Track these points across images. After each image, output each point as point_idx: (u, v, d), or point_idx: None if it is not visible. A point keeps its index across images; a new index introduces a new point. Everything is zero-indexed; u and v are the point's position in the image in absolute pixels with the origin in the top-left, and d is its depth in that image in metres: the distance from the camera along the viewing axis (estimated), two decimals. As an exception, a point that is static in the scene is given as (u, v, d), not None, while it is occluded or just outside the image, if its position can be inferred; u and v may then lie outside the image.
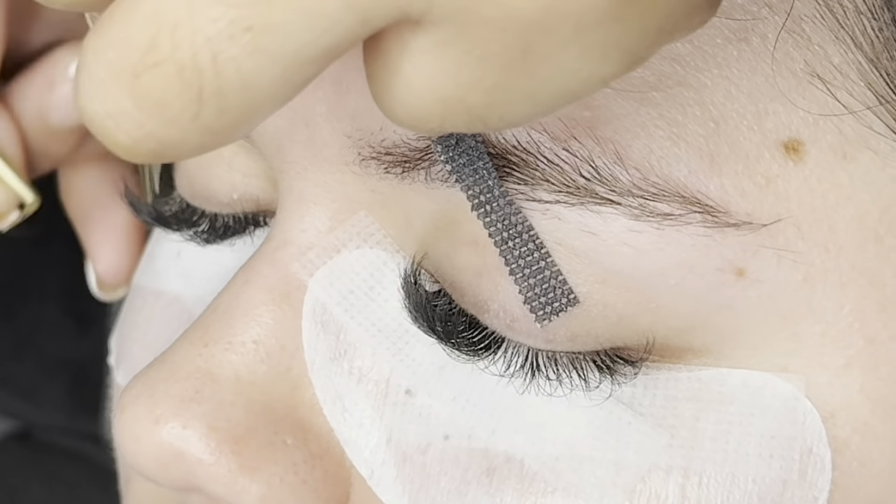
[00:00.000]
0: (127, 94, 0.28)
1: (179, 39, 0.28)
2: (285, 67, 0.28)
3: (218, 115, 0.29)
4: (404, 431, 0.41)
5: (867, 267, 0.38)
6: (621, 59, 0.29)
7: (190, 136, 0.29)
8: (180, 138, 0.29)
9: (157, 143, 0.29)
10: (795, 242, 0.38)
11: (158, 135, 0.29)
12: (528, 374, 0.40)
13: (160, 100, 0.28)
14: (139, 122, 0.29)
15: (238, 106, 0.28)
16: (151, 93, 0.28)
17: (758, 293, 0.38)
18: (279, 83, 0.28)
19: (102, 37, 0.29)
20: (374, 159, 0.39)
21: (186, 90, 0.28)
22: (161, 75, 0.28)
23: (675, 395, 0.39)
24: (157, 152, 0.29)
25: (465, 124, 0.30)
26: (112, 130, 0.29)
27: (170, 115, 0.28)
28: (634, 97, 0.36)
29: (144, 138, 0.29)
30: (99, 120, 0.29)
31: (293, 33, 0.28)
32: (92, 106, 0.29)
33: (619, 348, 0.39)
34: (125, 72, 0.28)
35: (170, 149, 0.29)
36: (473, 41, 0.28)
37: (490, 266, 0.39)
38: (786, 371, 0.39)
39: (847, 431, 0.39)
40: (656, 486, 0.39)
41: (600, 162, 0.37)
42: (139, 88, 0.28)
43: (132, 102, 0.28)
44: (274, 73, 0.28)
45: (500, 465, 0.40)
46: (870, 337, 0.38)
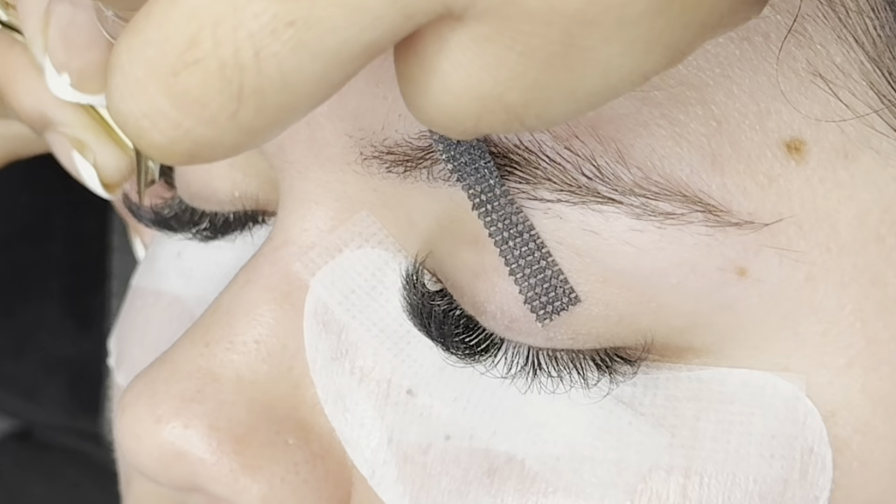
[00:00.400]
0: (164, 92, 0.28)
1: (221, 35, 0.27)
2: (326, 64, 0.28)
3: (256, 114, 0.28)
4: (405, 431, 0.41)
5: (869, 266, 0.38)
6: (664, 53, 0.29)
7: (226, 136, 0.28)
8: (217, 138, 0.28)
9: (193, 143, 0.29)
10: (797, 242, 0.38)
11: (194, 134, 0.28)
12: (530, 373, 0.40)
13: (199, 97, 0.28)
14: (176, 121, 0.28)
15: (277, 104, 0.28)
16: (190, 91, 0.28)
17: (759, 292, 0.38)
18: (319, 81, 0.28)
19: (139, 35, 0.28)
20: (375, 158, 0.39)
21: (226, 88, 0.28)
22: (201, 72, 0.28)
23: (675, 394, 0.39)
24: (192, 153, 0.29)
25: (502, 123, 0.30)
26: (147, 130, 0.29)
27: (208, 113, 0.28)
28: (636, 96, 0.36)
29: (181, 138, 0.28)
30: (134, 120, 0.29)
31: (336, 28, 0.27)
32: (127, 106, 0.29)
33: (619, 347, 0.39)
34: (163, 70, 0.28)
35: (205, 149, 0.29)
36: (516, 35, 0.28)
37: (488, 267, 0.39)
38: (787, 370, 0.39)
39: (848, 431, 0.39)
40: (657, 486, 0.39)
41: (602, 161, 0.37)
42: (177, 87, 0.28)
43: (169, 101, 0.28)
44: (315, 71, 0.28)
45: (502, 465, 0.40)
46: (871, 336, 0.38)
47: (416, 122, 0.38)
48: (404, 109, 0.38)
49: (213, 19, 0.27)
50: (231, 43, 0.27)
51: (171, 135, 0.28)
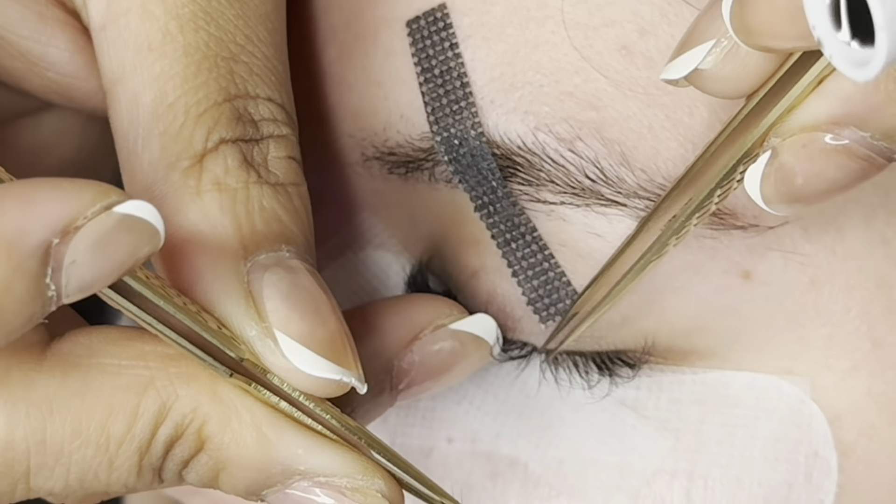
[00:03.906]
0: None
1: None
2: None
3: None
4: (408, 434, 0.41)
5: (875, 269, 0.38)
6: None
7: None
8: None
9: None
10: (802, 245, 0.38)
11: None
12: (531, 373, 0.40)
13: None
14: None
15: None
16: None
17: (764, 295, 0.38)
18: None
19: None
20: (377, 160, 0.39)
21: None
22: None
23: (679, 397, 0.39)
24: None
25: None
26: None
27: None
28: (641, 99, 0.36)
29: None
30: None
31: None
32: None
33: (620, 350, 0.39)
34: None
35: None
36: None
37: (489, 267, 0.39)
38: (791, 374, 0.39)
39: (853, 434, 0.39)
40: (661, 490, 0.39)
41: (606, 163, 0.36)
42: None
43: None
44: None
45: (505, 468, 0.40)
46: (877, 340, 0.38)
47: (417, 124, 0.38)
48: (405, 110, 0.38)
49: None
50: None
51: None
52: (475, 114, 0.37)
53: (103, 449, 0.33)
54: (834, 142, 0.31)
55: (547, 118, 0.37)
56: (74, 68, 0.38)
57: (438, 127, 0.38)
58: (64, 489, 0.33)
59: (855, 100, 0.31)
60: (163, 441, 0.33)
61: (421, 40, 0.38)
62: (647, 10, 0.36)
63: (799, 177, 0.32)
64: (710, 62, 0.32)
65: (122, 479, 0.34)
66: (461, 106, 0.37)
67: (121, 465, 0.33)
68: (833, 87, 0.31)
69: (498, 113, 0.37)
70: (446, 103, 0.37)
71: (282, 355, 0.33)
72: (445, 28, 0.37)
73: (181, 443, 0.33)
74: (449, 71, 0.37)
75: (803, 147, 0.32)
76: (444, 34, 0.37)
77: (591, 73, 0.36)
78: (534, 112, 0.37)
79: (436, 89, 0.38)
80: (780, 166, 0.32)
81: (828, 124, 0.31)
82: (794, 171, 0.32)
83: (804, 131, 0.32)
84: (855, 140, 0.31)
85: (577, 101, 0.36)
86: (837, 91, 0.31)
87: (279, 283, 0.33)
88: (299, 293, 0.34)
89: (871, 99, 0.31)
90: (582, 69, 0.36)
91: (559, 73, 0.37)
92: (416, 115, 0.38)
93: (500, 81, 0.37)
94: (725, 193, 0.34)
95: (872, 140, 0.31)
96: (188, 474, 0.34)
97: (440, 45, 0.37)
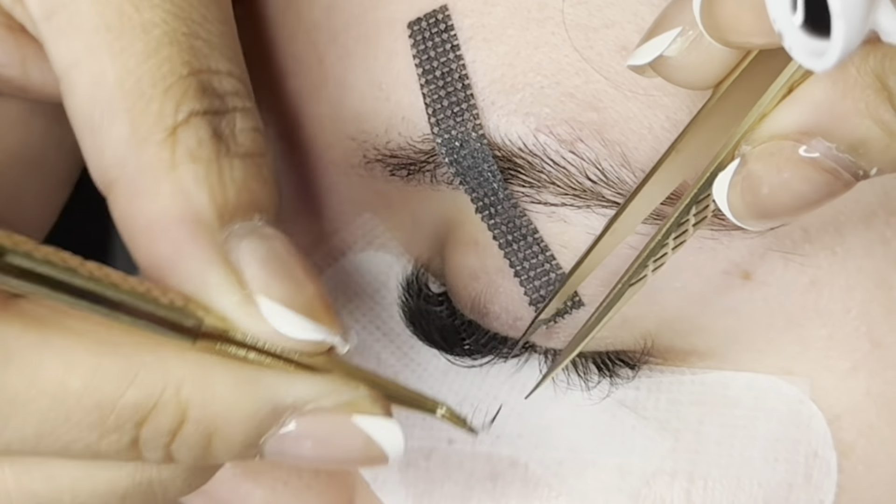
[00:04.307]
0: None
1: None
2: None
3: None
4: (408, 436, 0.40)
5: (874, 269, 0.38)
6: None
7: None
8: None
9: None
10: (802, 245, 0.38)
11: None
12: (531, 374, 0.40)
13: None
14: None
15: None
16: None
17: (764, 296, 0.38)
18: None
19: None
20: (378, 162, 0.39)
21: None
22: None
23: (678, 398, 0.39)
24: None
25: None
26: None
27: None
28: (642, 100, 0.36)
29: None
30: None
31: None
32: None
33: (620, 350, 0.39)
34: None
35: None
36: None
37: (489, 268, 0.39)
38: (791, 374, 0.39)
39: (853, 434, 0.39)
40: (661, 491, 0.39)
41: (607, 164, 0.36)
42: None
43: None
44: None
45: (505, 469, 0.40)
46: (876, 340, 0.38)
47: (418, 126, 0.38)
48: (407, 112, 0.38)
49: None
50: None
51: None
52: (476, 115, 0.37)
53: (59, 401, 0.33)
54: (805, 154, 0.31)
55: (548, 119, 0.37)
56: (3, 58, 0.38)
57: (440, 129, 0.38)
58: (21, 443, 0.33)
59: (822, 108, 0.31)
60: (131, 403, 0.33)
61: (422, 42, 0.38)
62: (647, 11, 0.36)
63: (765, 186, 0.32)
64: (674, 50, 0.33)
65: (84, 440, 0.33)
66: (462, 108, 0.37)
67: (80, 422, 0.33)
68: (802, 96, 0.31)
69: (499, 114, 0.37)
70: (447, 105, 0.37)
71: (264, 320, 0.34)
72: (447, 30, 0.37)
73: (158, 412, 0.33)
74: (450, 73, 0.37)
75: (771, 156, 0.32)
76: (445, 36, 0.37)
77: (591, 75, 0.36)
78: (535, 113, 0.37)
79: (437, 91, 0.38)
80: (748, 175, 0.32)
81: (796, 133, 0.31)
82: (760, 180, 0.32)
83: (773, 139, 0.32)
84: (821, 151, 0.31)
85: (578, 102, 0.37)
86: (806, 99, 0.31)
87: (256, 250, 0.34)
88: (277, 259, 0.34)
89: (838, 108, 0.31)
90: (583, 70, 0.37)
91: (560, 74, 0.37)
92: (418, 116, 0.38)
93: (501, 83, 0.37)
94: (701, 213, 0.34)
95: (838, 152, 0.31)
96: (178, 450, 0.34)
97: (441, 46, 0.38)
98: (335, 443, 0.35)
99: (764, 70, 0.32)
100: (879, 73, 0.30)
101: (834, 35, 0.27)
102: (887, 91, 0.30)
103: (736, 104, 0.33)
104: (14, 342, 0.32)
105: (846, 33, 0.27)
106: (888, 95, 0.30)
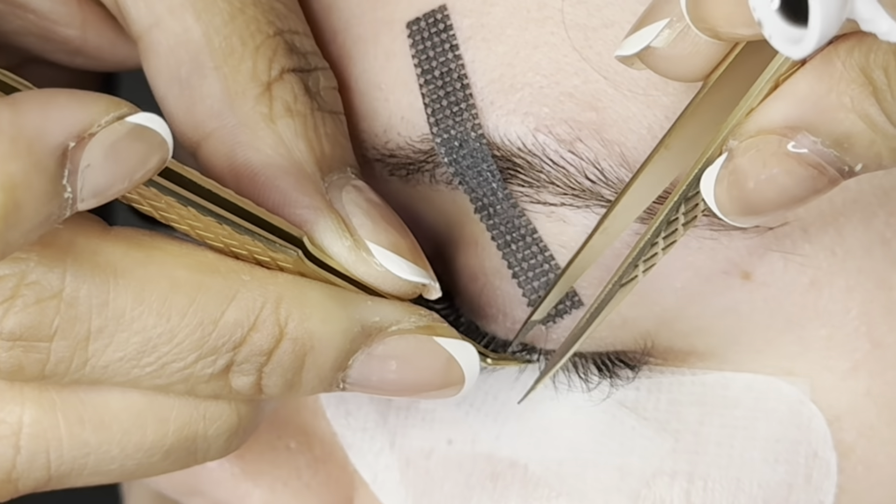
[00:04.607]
0: None
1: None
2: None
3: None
4: (408, 436, 0.41)
5: (874, 270, 0.38)
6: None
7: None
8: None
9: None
10: (802, 245, 0.38)
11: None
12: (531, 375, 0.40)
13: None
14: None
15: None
16: None
17: (764, 296, 0.38)
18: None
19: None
20: (377, 161, 0.39)
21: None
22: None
23: (678, 398, 0.39)
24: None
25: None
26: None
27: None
28: (641, 100, 0.36)
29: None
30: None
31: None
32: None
33: (620, 351, 0.39)
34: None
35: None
36: None
37: (488, 269, 0.39)
38: (791, 374, 0.39)
39: (853, 435, 0.39)
40: (661, 491, 0.39)
41: (606, 164, 0.36)
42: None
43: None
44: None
45: (505, 469, 0.40)
46: (876, 340, 0.38)
47: (417, 126, 0.38)
48: (406, 112, 0.38)
49: None
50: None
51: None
52: (475, 115, 0.37)
53: (164, 318, 0.33)
54: (791, 149, 0.31)
55: (547, 119, 0.37)
56: (56, 15, 0.39)
57: (438, 129, 0.38)
58: (120, 363, 0.34)
59: (807, 102, 0.31)
60: (232, 321, 0.34)
61: (421, 42, 0.38)
62: (647, 12, 0.36)
63: (750, 180, 0.32)
64: (661, 41, 0.33)
65: (181, 361, 0.34)
66: (461, 108, 0.37)
67: (182, 340, 0.34)
68: (788, 90, 0.31)
69: (498, 114, 0.37)
70: (446, 105, 0.37)
71: (376, 264, 0.36)
72: (446, 30, 0.37)
73: (257, 329, 0.34)
74: (449, 72, 0.37)
75: (757, 150, 0.32)
76: (444, 36, 0.37)
77: (590, 74, 0.36)
78: (534, 113, 0.37)
79: (436, 91, 0.38)
80: (734, 169, 0.32)
81: (782, 128, 0.31)
82: (746, 175, 0.32)
83: (760, 134, 0.32)
84: (807, 146, 0.31)
85: (577, 102, 0.36)
86: (791, 93, 0.31)
87: (357, 199, 0.36)
88: (377, 207, 0.36)
89: (823, 102, 0.31)
90: (582, 70, 0.36)
91: (559, 74, 0.37)
92: (417, 116, 0.38)
93: (500, 83, 0.37)
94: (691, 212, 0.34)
95: (823, 147, 0.31)
96: (270, 374, 0.35)
97: (440, 46, 0.37)
98: (419, 363, 0.36)
99: (751, 64, 0.33)
100: (864, 66, 0.30)
101: (811, 21, 0.27)
102: (872, 85, 0.30)
103: (724, 98, 0.33)
104: (120, 261, 0.33)
105: (823, 19, 0.27)
106: (873, 90, 0.30)
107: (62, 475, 0.35)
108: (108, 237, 0.34)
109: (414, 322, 0.36)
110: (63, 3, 0.39)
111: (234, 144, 0.36)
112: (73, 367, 0.34)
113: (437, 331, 0.36)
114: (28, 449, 0.34)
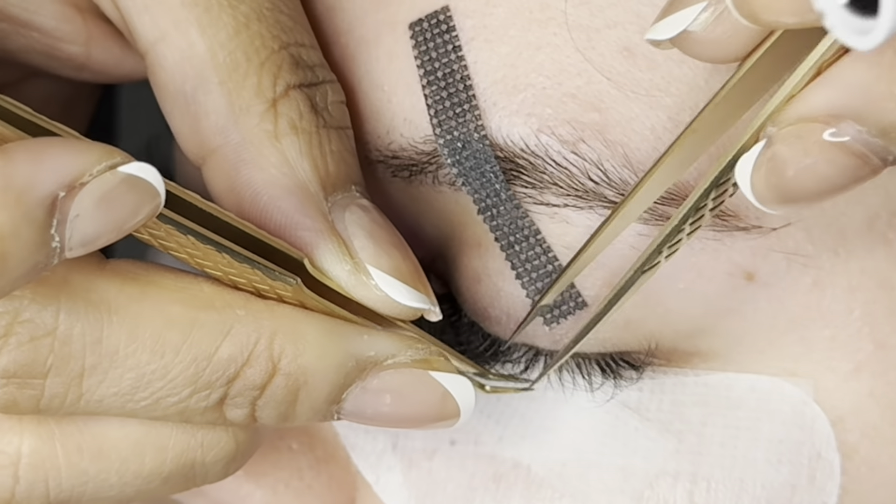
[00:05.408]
0: None
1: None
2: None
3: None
4: (410, 437, 0.41)
5: (877, 270, 0.38)
6: None
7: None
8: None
9: None
10: (805, 246, 0.38)
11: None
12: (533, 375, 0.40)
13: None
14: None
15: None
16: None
17: (767, 297, 0.38)
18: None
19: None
20: (380, 163, 0.39)
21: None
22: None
23: (682, 399, 0.39)
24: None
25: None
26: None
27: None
28: (644, 100, 0.36)
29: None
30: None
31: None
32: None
33: (624, 352, 0.39)
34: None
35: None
36: None
37: (491, 270, 0.39)
38: (794, 375, 0.39)
39: (856, 436, 0.39)
40: (664, 492, 0.39)
41: (609, 165, 0.36)
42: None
43: None
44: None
45: (507, 471, 0.40)
46: (879, 341, 0.38)
47: (420, 127, 0.38)
48: (409, 113, 0.38)
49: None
50: None
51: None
52: (478, 116, 0.37)
53: (158, 355, 0.33)
54: (833, 138, 0.31)
55: (550, 120, 0.37)
56: (61, 33, 0.39)
57: (441, 130, 0.38)
58: (114, 398, 0.34)
59: (855, 90, 0.31)
60: (226, 357, 0.34)
61: (424, 43, 0.38)
62: (649, 12, 0.36)
63: (790, 168, 0.31)
64: (699, 24, 0.32)
65: (175, 395, 0.34)
66: (464, 108, 0.37)
67: (176, 376, 0.34)
68: (833, 76, 0.31)
69: (501, 115, 0.37)
70: (449, 106, 0.37)
71: (376, 288, 0.35)
72: (448, 31, 0.37)
73: (251, 364, 0.34)
74: (452, 73, 0.37)
75: (798, 138, 0.31)
76: (446, 37, 0.37)
77: (593, 75, 0.36)
78: (537, 114, 0.37)
79: (439, 92, 0.38)
80: (773, 156, 0.32)
81: (826, 116, 0.31)
82: (785, 162, 0.31)
83: (801, 121, 0.31)
84: (851, 135, 0.31)
85: (580, 102, 0.36)
86: (838, 80, 0.31)
87: (360, 220, 0.36)
88: (380, 229, 0.36)
89: (872, 91, 0.30)
90: (585, 71, 0.36)
91: (562, 74, 0.37)
92: (420, 117, 0.38)
93: (503, 84, 0.37)
94: (720, 196, 0.34)
95: (868, 136, 0.31)
96: (264, 407, 0.34)
97: (443, 47, 0.37)
98: (414, 397, 0.36)
99: (785, 50, 0.32)
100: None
101: (882, 12, 0.27)
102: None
103: (754, 84, 0.33)
104: (115, 298, 0.33)
105: (894, 10, 0.27)
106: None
107: (61, 503, 0.35)
108: (104, 272, 0.34)
109: (410, 356, 0.36)
110: (68, 20, 0.39)
111: (238, 162, 0.36)
112: (68, 402, 0.34)
113: (432, 364, 0.36)
114: (27, 479, 0.34)
